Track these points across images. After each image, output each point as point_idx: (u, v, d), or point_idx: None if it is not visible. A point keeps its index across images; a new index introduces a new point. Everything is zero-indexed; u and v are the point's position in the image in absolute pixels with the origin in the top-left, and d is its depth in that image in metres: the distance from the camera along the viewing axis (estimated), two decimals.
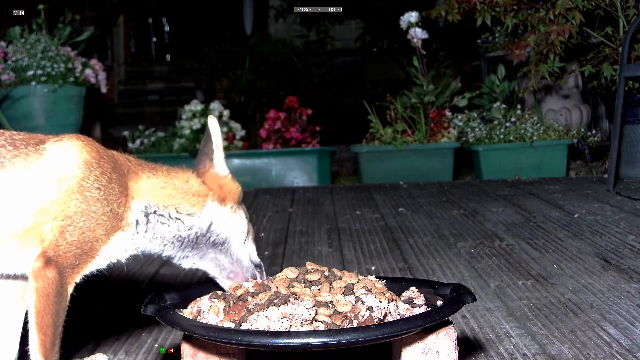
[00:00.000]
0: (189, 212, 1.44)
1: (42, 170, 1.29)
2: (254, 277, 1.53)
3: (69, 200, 1.28)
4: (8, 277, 1.37)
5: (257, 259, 1.55)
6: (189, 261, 1.50)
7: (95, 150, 1.35)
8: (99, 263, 1.35)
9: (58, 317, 1.27)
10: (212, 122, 1.50)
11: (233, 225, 1.50)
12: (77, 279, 1.31)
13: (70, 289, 1.30)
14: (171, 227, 1.43)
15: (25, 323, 1.32)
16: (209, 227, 1.47)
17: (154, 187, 1.42)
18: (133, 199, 1.38)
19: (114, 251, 1.37)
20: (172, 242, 1.45)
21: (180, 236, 1.45)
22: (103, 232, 1.32)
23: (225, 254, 1.50)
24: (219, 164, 1.52)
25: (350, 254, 2.80)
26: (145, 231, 1.41)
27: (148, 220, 1.40)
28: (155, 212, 1.41)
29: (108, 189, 1.32)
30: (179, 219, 1.44)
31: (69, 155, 1.31)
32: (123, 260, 1.40)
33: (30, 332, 1.26)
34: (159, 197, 1.42)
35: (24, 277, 1.36)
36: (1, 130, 1.34)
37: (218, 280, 1.52)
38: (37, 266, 1.26)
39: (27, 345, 1.28)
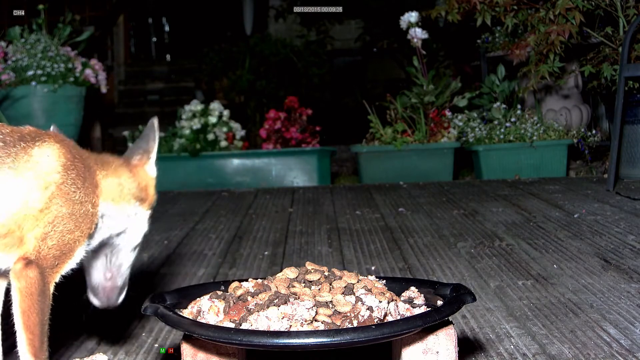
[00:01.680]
0: (128, 213, 1.44)
1: (30, 174, 1.28)
2: (107, 291, 1.49)
3: (51, 205, 1.29)
4: None
5: (128, 271, 1.52)
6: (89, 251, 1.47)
7: (69, 151, 1.35)
8: (74, 263, 1.35)
9: (43, 315, 1.29)
10: (156, 121, 1.49)
11: (139, 231, 1.49)
12: (57, 278, 1.33)
13: (51, 288, 1.31)
14: (113, 227, 1.43)
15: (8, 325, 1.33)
16: (127, 228, 1.46)
17: (109, 187, 1.40)
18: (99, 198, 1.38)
19: (85, 251, 1.37)
20: (104, 239, 1.44)
21: (112, 234, 1.44)
22: (80, 234, 1.33)
23: (116, 255, 1.49)
24: (153, 163, 1.49)
25: (350, 254, 2.80)
26: (98, 231, 1.40)
27: (103, 221, 1.40)
28: (108, 212, 1.41)
29: (83, 190, 1.33)
30: (121, 219, 1.43)
31: (51, 159, 1.31)
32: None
33: (17, 333, 1.28)
34: (113, 197, 1.41)
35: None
36: None
37: (91, 277, 1.49)
38: (19, 267, 1.27)
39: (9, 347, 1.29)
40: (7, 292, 1.40)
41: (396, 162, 5.37)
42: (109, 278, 1.48)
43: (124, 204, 1.43)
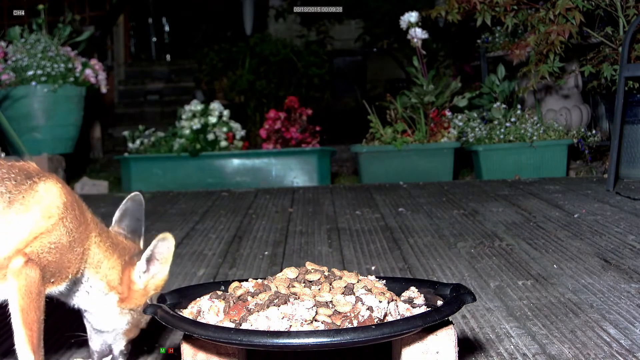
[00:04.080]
0: (92, 291, 1.49)
1: (37, 207, 1.36)
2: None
3: (53, 231, 1.35)
4: None
5: (116, 353, 1.57)
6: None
7: (69, 193, 1.43)
8: (58, 290, 1.41)
9: (41, 314, 1.33)
10: (162, 239, 1.49)
11: (115, 323, 1.53)
12: (46, 292, 1.37)
13: (44, 295, 1.36)
14: (78, 295, 1.49)
15: None
16: (93, 312, 1.52)
17: (93, 253, 1.46)
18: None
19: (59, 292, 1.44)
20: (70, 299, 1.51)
21: (76, 302, 1.50)
22: (74, 267, 1.40)
23: (93, 332, 1.56)
24: (137, 272, 1.51)
25: (350, 254, 2.80)
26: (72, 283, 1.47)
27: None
28: (83, 276, 1.46)
29: (77, 232, 1.40)
30: (88, 293, 1.49)
31: (54, 195, 1.38)
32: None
33: (16, 331, 1.30)
34: (91, 263, 1.46)
35: None
36: None
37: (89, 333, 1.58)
38: (19, 264, 1.30)
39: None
40: None
41: (396, 162, 5.37)
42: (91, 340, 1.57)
43: (94, 279, 1.47)
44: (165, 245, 1.49)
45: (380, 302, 1.30)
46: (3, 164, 1.39)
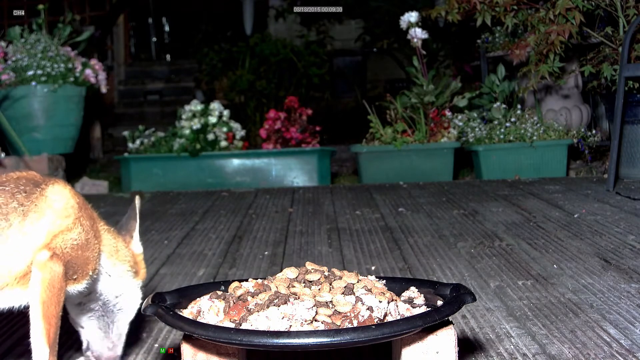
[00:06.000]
0: (121, 275, 1.53)
1: (50, 211, 1.37)
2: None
3: (74, 228, 1.38)
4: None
5: (115, 337, 1.60)
6: (84, 317, 1.56)
7: (78, 195, 1.47)
8: (76, 290, 1.41)
9: (60, 310, 1.33)
10: (138, 202, 1.62)
11: (135, 302, 1.58)
12: (67, 289, 1.38)
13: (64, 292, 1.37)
14: (108, 286, 1.52)
15: None
16: (121, 295, 1.55)
17: (106, 240, 1.50)
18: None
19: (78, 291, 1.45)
20: (101, 296, 1.53)
21: (108, 295, 1.53)
22: (93, 266, 1.42)
23: (116, 325, 1.58)
24: (137, 241, 1.61)
25: (350, 254, 2.80)
26: (96, 282, 1.50)
27: (100, 271, 1.49)
28: (104, 265, 1.49)
29: (92, 230, 1.43)
30: (114, 280, 1.53)
31: (65, 197, 1.41)
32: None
33: (33, 323, 1.30)
34: (110, 252, 1.50)
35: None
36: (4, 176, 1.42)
37: (91, 344, 1.58)
38: (44, 258, 1.31)
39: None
40: None
41: (396, 162, 5.37)
42: (110, 348, 1.58)
43: (118, 264, 1.52)
44: (137, 205, 1.61)
45: (380, 302, 1.30)
46: (10, 178, 1.40)
